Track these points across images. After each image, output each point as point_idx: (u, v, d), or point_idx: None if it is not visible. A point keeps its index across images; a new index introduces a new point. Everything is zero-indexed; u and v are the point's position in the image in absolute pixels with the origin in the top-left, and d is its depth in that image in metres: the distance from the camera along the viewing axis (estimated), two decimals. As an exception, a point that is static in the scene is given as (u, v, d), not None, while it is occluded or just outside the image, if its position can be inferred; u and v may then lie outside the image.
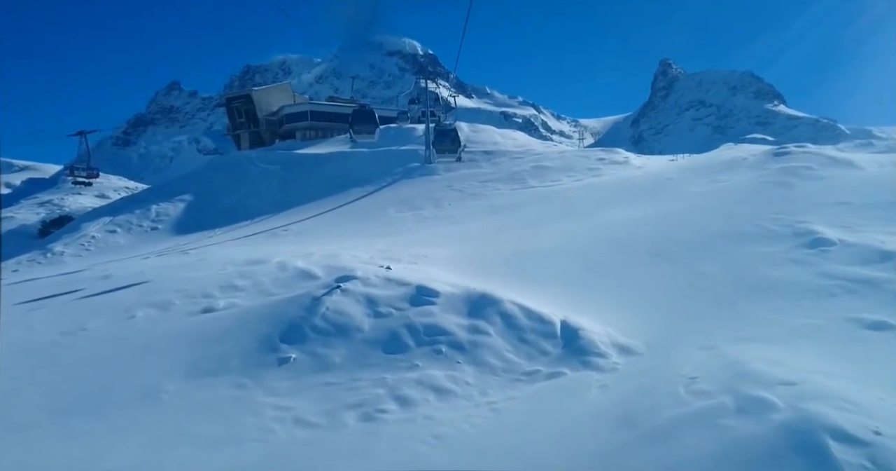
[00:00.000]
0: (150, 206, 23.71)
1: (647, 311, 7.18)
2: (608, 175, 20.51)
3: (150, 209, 23.27)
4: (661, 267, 8.72)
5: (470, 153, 29.90)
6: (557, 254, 10.34)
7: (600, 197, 15.59)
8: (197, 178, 30.65)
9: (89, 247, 19.38)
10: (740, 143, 26.48)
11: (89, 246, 19.45)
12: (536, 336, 6.53)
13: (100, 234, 20.59)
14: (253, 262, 10.21)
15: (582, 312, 7.16)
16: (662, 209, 12.04)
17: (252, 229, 19.37)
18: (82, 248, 19.20)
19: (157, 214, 23.01)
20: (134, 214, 22.63)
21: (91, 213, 24.80)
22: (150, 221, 22.27)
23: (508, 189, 21.48)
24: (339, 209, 21.85)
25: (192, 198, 25.72)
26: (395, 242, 13.82)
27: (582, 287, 8.36)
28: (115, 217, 22.46)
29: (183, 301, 7.60)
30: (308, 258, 10.32)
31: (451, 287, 7.73)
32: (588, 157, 24.66)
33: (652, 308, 7.29)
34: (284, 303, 7.21)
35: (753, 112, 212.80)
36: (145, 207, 23.49)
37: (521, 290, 8.24)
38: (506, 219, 16.09)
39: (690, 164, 18.28)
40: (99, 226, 21.48)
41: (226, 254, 12.04)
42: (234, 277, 8.89)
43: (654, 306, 7.34)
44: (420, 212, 19.58)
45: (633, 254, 9.45)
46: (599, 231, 11.32)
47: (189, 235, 20.29)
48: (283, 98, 53.31)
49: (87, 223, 22.13)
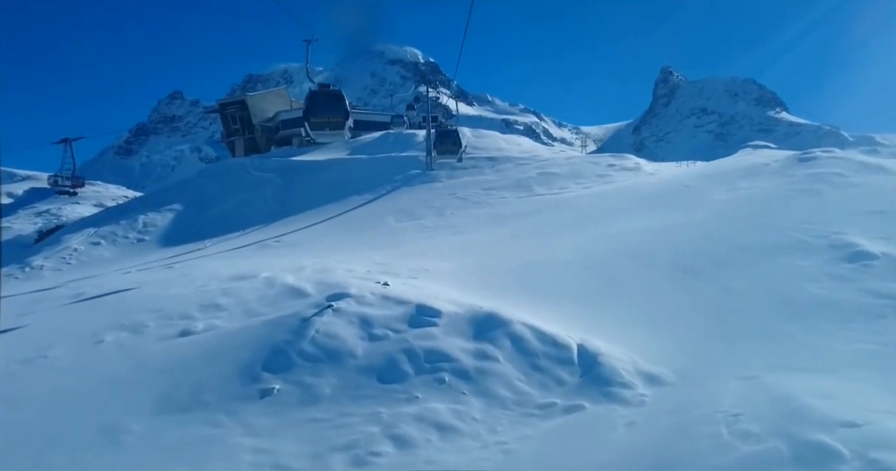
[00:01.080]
0: (137, 216, 23.31)
1: (673, 333, 6.66)
2: (619, 182, 20.05)
3: (136, 220, 22.86)
4: (686, 282, 8.21)
5: (473, 159, 29.52)
6: (570, 267, 9.85)
7: (613, 205, 15.11)
8: (188, 186, 30.31)
9: (70, 260, 18.94)
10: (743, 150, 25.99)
11: (71, 259, 19.01)
12: (551, 362, 6.01)
13: (83, 246, 20.16)
14: (239, 277, 9.74)
15: (601, 335, 6.64)
16: (682, 219, 11.54)
17: (243, 241, 18.93)
18: (63, 261, 18.76)
19: (145, 224, 22.59)
20: (119, 225, 22.21)
21: (75, 224, 24.41)
22: (137, 232, 21.84)
23: (514, 197, 21.03)
24: (335, 219, 21.40)
25: (182, 207, 25.34)
26: (393, 253, 13.35)
27: (599, 305, 7.85)
28: (99, 228, 22.04)
29: (158, 323, 7.11)
30: (299, 273, 9.85)
31: (455, 306, 7.23)
32: (598, 163, 24.22)
33: (679, 330, 6.76)
34: (270, 325, 6.72)
35: (755, 119, 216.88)
36: (132, 218, 23.08)
37: (532, 308, 7.74)
38: (512, 228, 15.61)
39: (707, 170, 17.81)
40: (82, 238, 21.05)
41: (211, 268, 11.57)
42: (216, 294, 8.41)
43: (682, 328, 6.81)
44: (421, 221, 19.13)
45: (653, 267, 8.95)
46: (614, 242, 10.83)
47: (177, 246, 19.85)
48: (279, 104, 53.21)
49: (70, 235, 21.72)
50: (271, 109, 51.28)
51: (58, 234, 22.72)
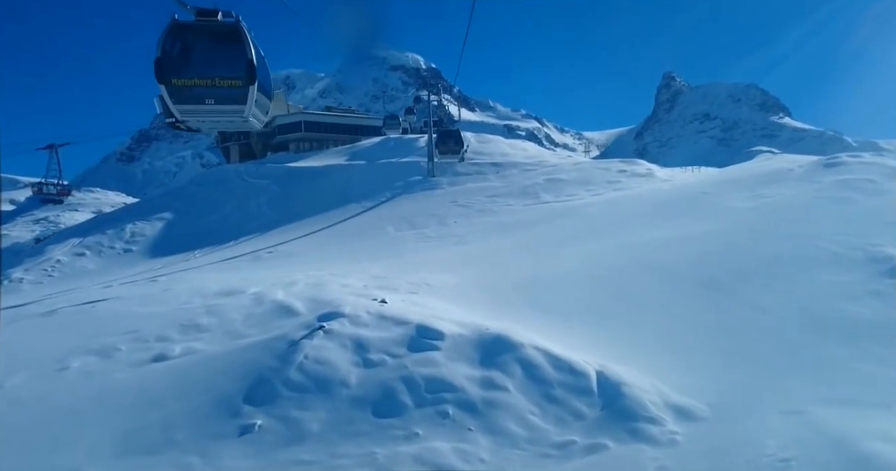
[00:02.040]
0: (124, 225, 22.91)
1: (702, 358, 6.16)
2: (631, 189, 19.61)
3: (124, 229, 22.46)
4: (710, 299, 7.72)
5: (476, 165, 29.15)
6: (582, 281, 9.37)
7: (626, 213, 14.64)
8: (179, 194, 29.96)
9: (53, 272, 18.51)
10: (746, 155, 25.66)
11: (53, 272, 18.58)
12: (567, 393, 5.51)
13: (66, 258, 19.74)
14: (225, 293, 9.28)
15: (622, 359, 6.15)
16: (702, 228, 11.06)
17: (235, 251, 18.49)
18: (45, 274, 18.32)
19: (132, 234, 22.18)
20: (106, 235, 21.80)
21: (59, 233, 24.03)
22: (124, 242, 21.42)
23: (520, 205, 20.59)
24: (332, 228, 20.98)
25: (173, 216, 24.96)
26: (393, 265, 12.89)
27: (617, 325, 7.36)
28: (84, 238, 21.64)
29: (131, 346, 6.64)
30: (290, 288, 9.40)
31: (459, 326, 6.75)
32: (607, 169, 23.80)
33: (707, 354, 6.27)
34: (254, 349, 6.24)
35: (759, 124, 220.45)
36: (119, 227, 22.68)
37: (543, 328, 7.26)
38: (518, 238, 15.15)
39: (725, 176, 17.35)
40: (66, 248, 20.65)
41: (197, 282, 11.12)
42: (199, 313, 7.94)
43: (710, 351, 6.32)
44: (422, 230, 18.68)
45: (674, 282, 8.46)
46: (630, 254, 10.34)
47: (165, 257, 19.42)
48: (276, 108, 52.96)
49: (53, 246, 21.31)
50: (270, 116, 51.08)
51: (41, 244, 22.35)
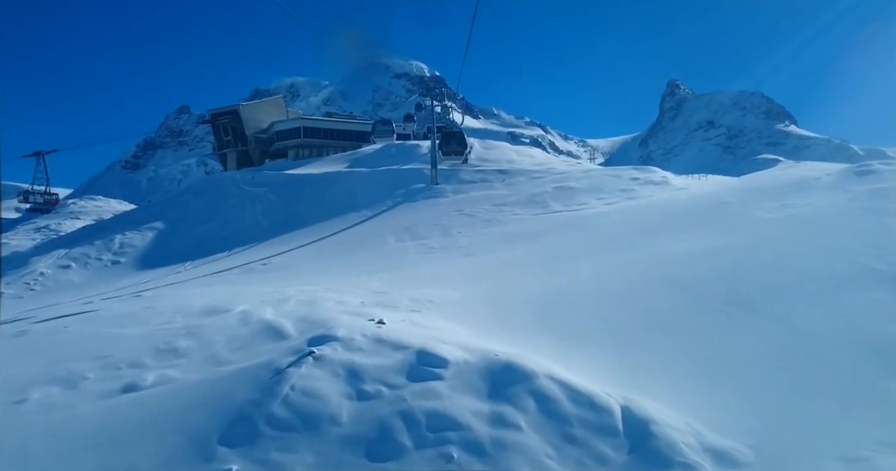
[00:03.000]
0: (113, 236, 22.53)
1: (739, 390, 5.62)
2: (645, 197, 19.10)
3: (112, 240, 22.07)
4: (743, 320, 7.18)
5: (482, 172, 28.73)
6: (599, 299, 8.85)
7: (642, 224, 14.12)
8: (172, 203, 29.63)
9: (35, 286, 18.08)
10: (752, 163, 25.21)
11: (35, 285, 18.15)
12: (588, 432, 4.97)
13: (50, 270, 19.34)
14: (210, 311, 8.79)
15: (648, 391, 5.61)
16: (727, 241, 10.53)
17: (227, 263, 18.04)
18: (26, 287, 17.90)
19: (121, 245, 21.78)
20: (93, 246, 21.41)
21: (46, 244, 23.67)
22: (112, 253, 21.01)
23: (528, 214, 20.10)
24: (330, 238, 20.52)
25: (164, 226, 24.58)
26: (393, 279, 12.40)
27: (640, 349, 6.82)
28: (70, 249, 21.26)
29: (100, 374, 6.14)
30: (281, 306, 8.91)
31: (464, 351, 6.23)
32: (619, 176, 23.31)
33: (746, 386, 5.73)
34: (235, 378, 5.74)
35: (764, 133, 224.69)
36: (107, 238, 22.30)
37: (558, 353, 6.74)
38: (527, 250, 14.64)
39: (747, 184, 16.83)
40: (51, 260, 20.25)
41: (182, 298, 10.65)
42: (179, 334, 7.45)
43: (749, 383, 5.78)
44: (425, 241, 18.20)
45: (701, 301, 7.93)
46: (650, 268, 9.82)
47: (154, 270, 18.99)
48: (275, 114, 52.89)
49: (38, 258, 20.92)
50: (266, 120, 50.97)
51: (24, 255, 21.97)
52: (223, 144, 51.46)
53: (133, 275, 18.52)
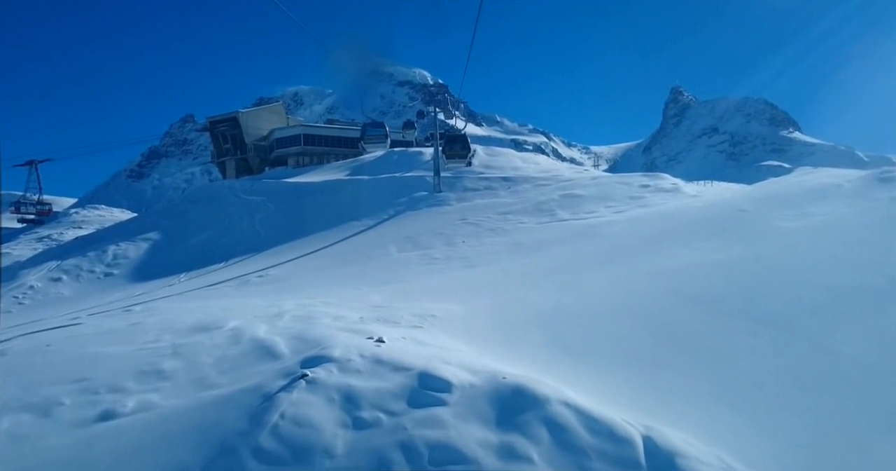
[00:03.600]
0: (107, 247, 22.28)
1: (773, 418, 5.23)
2: (657, 205, 18.75)
3: (106, 251, 21.82)
4: (772, 340, 6.79)
5: (486, 180, 28.45)
6: (612, 315, 8.48)
7: (654, 234, 13.75)
8: (168, 212, 29.43)
9: (24, 300, 17.78)
10: (756, 170, 24.96)
11: (24, 299, 17.86)
12: (607, 465, 4.59)
13: (40, 283, 19.05)
14: (200, 328, 8.46)
15: (671, 419, 5.23)
16: (746, 252, 10.15)
17: (223, 274, 17.73)
18: (15, 301, 17.60)
19: (115, 256, 21.52)
20: (86, 258, 21.15)
21: (37, 256, 23.44)
22: (105, 265, 20.74)
23: (534, 222, 19.77)
24: (329, 248, 20.21)
25: (160, 236, 24.33)
26: (395, 292, 12.05)
27: (660, 371, 6.44)
28: (63, 261, 21.00)
29: (77, 399, 5.80)
30: (275, 322, 8.58)
31: (470, 373, 5.87)
32: (629, 183, 22.97)
33: (780, 413, 5.34)
34: (221, 404, 5.39)
35: (768, 139, 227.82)
36: (101, 249, 22.05)
37: (571, 375, 6.37)
38: (534, 261, 14.29)
39: (764, 192, 16.46)
40: (42, 273, 19.99)
41: (172, 314, 10.33)
42: (165, 354, 7.12)
43: (783, 410, 5.39)
44: (427, 251, 17.87)
45: (724, 317, 7.55)
46: (665, 281, 9.45)
47: (148, 282, 18.69)
48: (275, 121, 52.88)
49: (28, 270, 20.67)
50: (265, 127, 50.94)
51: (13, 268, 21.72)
52: (222, 151, 51.43)
53: (126, 288, 18.22)
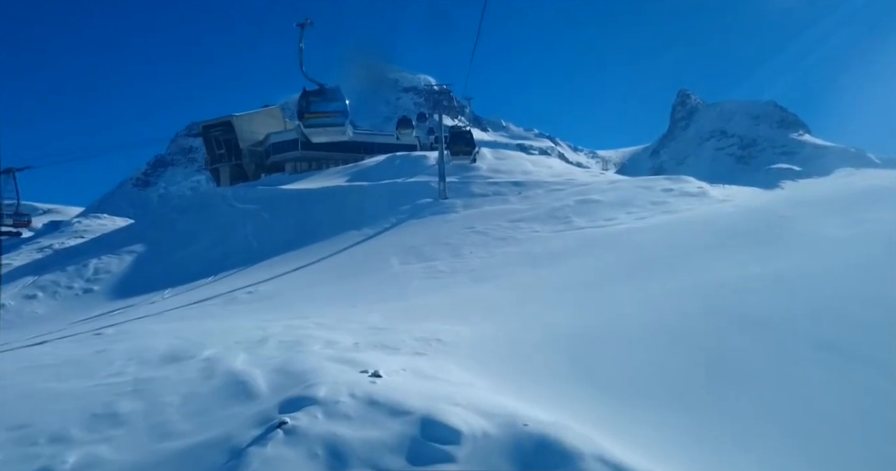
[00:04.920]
0: (88, 260, 21.67)
1: (854, 466, 4.40)
2: (683, 211, 17.91)
3: (86, 265, 21.20)
4: (848, 373, 5.94)
5: (495, 185, 27.71)
6: (646, 339, 7.66)
7: (686, 243, 12.92)
8: (156, 223, 28.86)
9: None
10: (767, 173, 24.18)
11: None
12: (661, 546, 3.78)
13: (13, 301, 18.42)
14: (171, 357, 7.71)
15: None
16: (797, 265, 9.31)
17: (210, 290, 17.02)
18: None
19: (96, 270, 20.89)
20: (65, 272, 20.53)
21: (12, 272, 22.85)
22: (85, 280, 20.11)
23: (549, 231, 18.96)
24: (326, 261, 19.48)
25: (145, 248, 23.70)
26: (395, 311, 11.27)
27: (711, 411, 5.61)
28: (40, 277, 20.39)
29: (10, 453, 5.03)
30: (256, 351, 7.81)
31: (483, 418, 5.06)
32: (650, 187, 22.15)
33: (862, 460, 4.50)
34: (179, 462, 4.61)
35: (778, 142, 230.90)
36: (81, 263, 21.43)
37: (603, 416, 5.56)
38: (550, 274, 13.47)
39: (805, 195, 15.61)
40: (16, 290, 19.36)
41: (145, 338, 9.60)
42: (125, 392, 6.37)
43: (870, 462, 4.55)
44: (432, 263, 17.08)
45: (778, 343, 6.71)
46: (707, 300, 8.61)
47: (129, 298, 18.02)
48: (271, 124, 52.43)
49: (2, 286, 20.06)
50: (261, 131, 50.48)
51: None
52: (216, 157, 50.98)
53: (105, 305, 17.55)
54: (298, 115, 14.36)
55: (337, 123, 14.14)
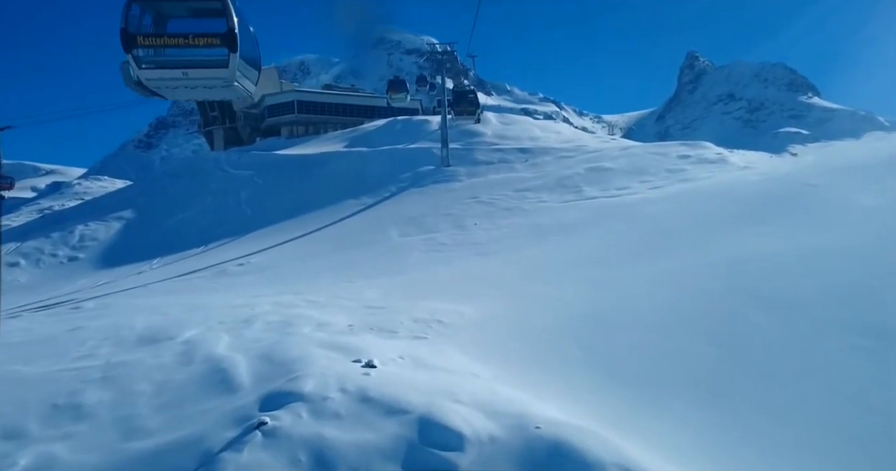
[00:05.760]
0: (73, 227, 21.19)
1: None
2: (702, 179, 17.26)
3: (72, 232, 20.74)
4: (887, 360, 5.46)
5: (501, 151, 26.97)
6: (665, 321, 7.18)
7: (705, 215, 12.34)
8: (146, 188, 28.29)
9: (-29, 289, 16.79)
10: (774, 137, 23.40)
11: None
12: None
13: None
14: (148, 338, 7.27)
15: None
16: (831, 239, 8.75)
17: (200, 261, 16.57)
18: (-39, 290, 16.62)
19: (82, 237, 20.44)
20: (49, 239, 20.09)
21: None
22: (70, 248, 19.68)
23: (557, 201, 18.36)
24: (322, 231, 18.96)
25: (134, 215, 23.22)
26: (394, 287, 10.80)
27: (741, 405, 5.15)
28: (22, 243, 19.94)
29: (-44, 451, 4.61)
30: (241, 332, 7.36)
31: (489, 418, 4.60)
32: (665, 154, 21.41)
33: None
34: (143, 466, 4.16)
35: (786, 105, 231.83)
36: (67, 229, 20.97)
37: (623, 413, 5.11)
38: (559, 248, 12.96)
39: (833, 162, 14.92)
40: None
41: (125, 315, 9.18)
42: (93, 378, 5.93)
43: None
44: (434, 235, 16.56)
45: (817, 329, 6.20)
46: (728, 277, 8.09)
47: (116, 268, 17.61)
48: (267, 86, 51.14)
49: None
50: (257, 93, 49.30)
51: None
52: (209, 120, 50.02)
53: (91, 274, 17.16)
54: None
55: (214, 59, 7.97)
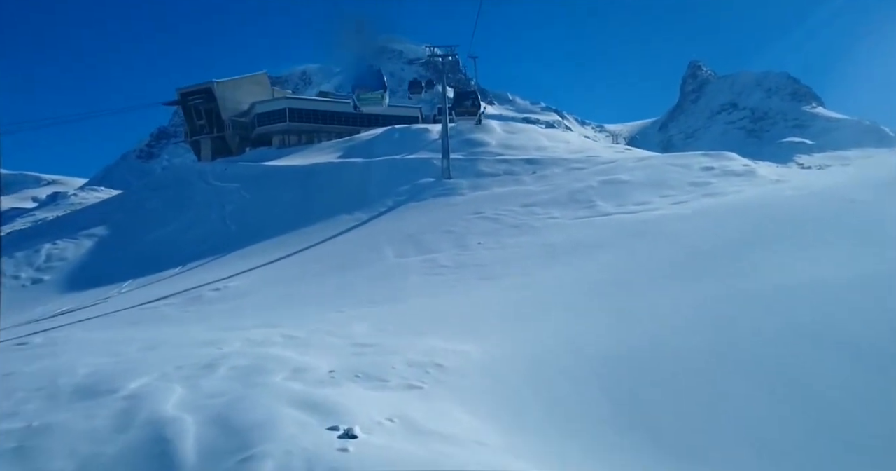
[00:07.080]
0: (40, 245, 20.29)
1: None
2: (730, 193, 16.35)
3: (38, 251, 19.85)
4: None
5: (506, 163, 26.16)
6: (714, 367, 6.26)
7: (739, 233, 11.40)
8: (122, 202, 27.46)
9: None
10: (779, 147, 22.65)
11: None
12: None
13: (-53, 292, 17.15)
14: (86, 390, 6.32)
15: None
16: (888, 265, 7.80)
17: (173, 285, 15.65)
18: None
19: (48, 257, 19.55)
20: (13, 259, 19.18)
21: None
22: (34, 269, 18.79)
23: (570, 217, 17.44)
24: (311, 251, 18.04)
25: (107, 232, 22.33)
26: (387, 319, 9.83)
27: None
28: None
29: None
30: (199, 381, 6.39)
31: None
32: (687, 165, 20.52)
33: None
34: None
35: (790, 115, 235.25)
36: (33, 248, 20.08)
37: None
38: (574, 271, 12.00)
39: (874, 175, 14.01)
40: (-47, 278, 18.08)
41: (72, 354, 8.27)
42: (3, 452, 4.95)
43: None
44: (433, 255, 15.62)
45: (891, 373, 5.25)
46: (782, 311, 7.13)
47: (83, 291, 16.70)
48: (257, 93, 50.63)
49: (-64, 275, 18.79)
50: (246, 100, 48.72)
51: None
52: (195, 129, 49.35)
53: (54, 299, 16.25)
54: None
55: None
